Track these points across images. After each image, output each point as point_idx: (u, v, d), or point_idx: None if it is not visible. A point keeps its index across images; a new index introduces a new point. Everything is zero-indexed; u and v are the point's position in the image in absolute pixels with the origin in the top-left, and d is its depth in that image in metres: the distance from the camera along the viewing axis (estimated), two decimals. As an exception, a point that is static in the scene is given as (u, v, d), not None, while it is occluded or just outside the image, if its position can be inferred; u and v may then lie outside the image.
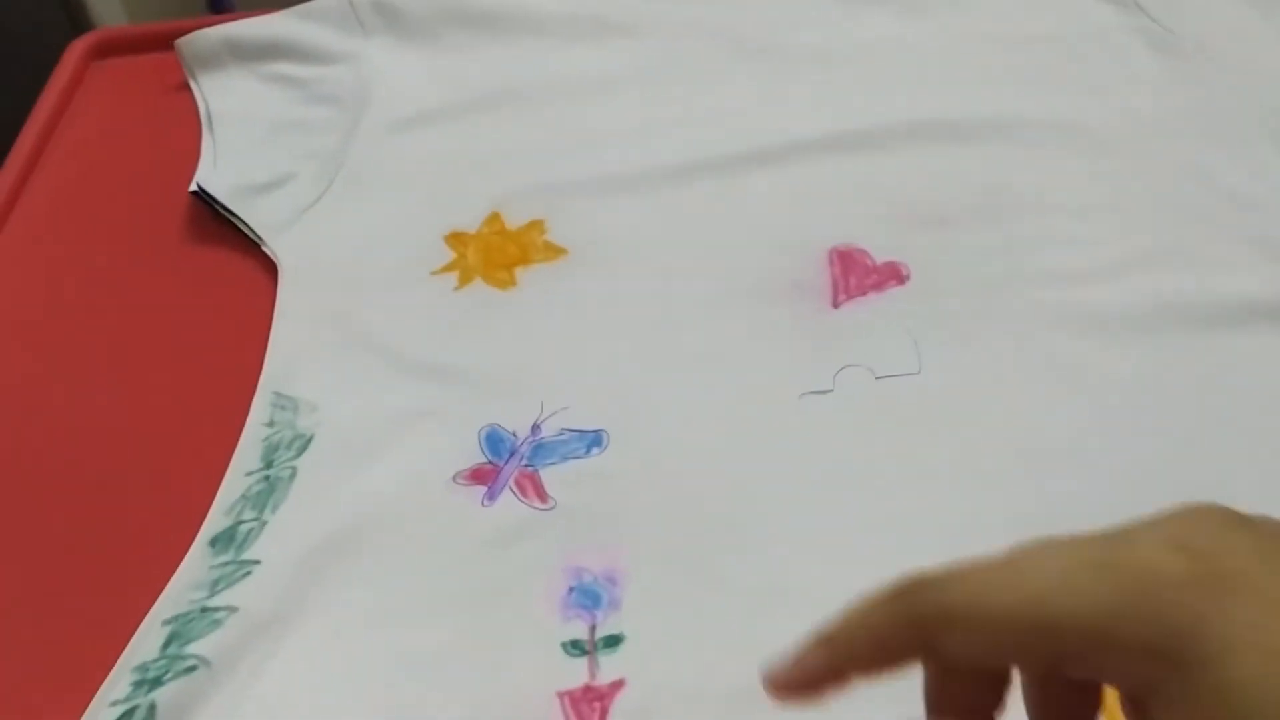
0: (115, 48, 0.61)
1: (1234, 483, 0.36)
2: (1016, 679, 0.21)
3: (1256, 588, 0.17)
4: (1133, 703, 0.18)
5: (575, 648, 0.33)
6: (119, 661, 0.33)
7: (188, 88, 0.56)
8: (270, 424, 0.40)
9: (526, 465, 0.38)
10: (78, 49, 0.61)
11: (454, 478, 0.38)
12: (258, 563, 0.35)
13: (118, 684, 0.32)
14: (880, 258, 0.44)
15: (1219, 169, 0.47)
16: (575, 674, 0.32)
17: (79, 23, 1.18)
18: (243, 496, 0.37)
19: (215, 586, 0.35)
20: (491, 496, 0.37)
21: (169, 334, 0.45)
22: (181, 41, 0.56)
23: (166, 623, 0.34)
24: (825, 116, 0.50)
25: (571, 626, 0.33)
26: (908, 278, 0.43)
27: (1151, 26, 0.53)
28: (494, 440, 0.39)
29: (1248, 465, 0.37)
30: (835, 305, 0.43)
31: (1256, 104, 0.49)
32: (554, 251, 0.46)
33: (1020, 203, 0.46)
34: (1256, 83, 0.49)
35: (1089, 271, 0.43)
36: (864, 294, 0.43)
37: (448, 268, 0.46)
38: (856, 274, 0.44)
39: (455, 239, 0.47)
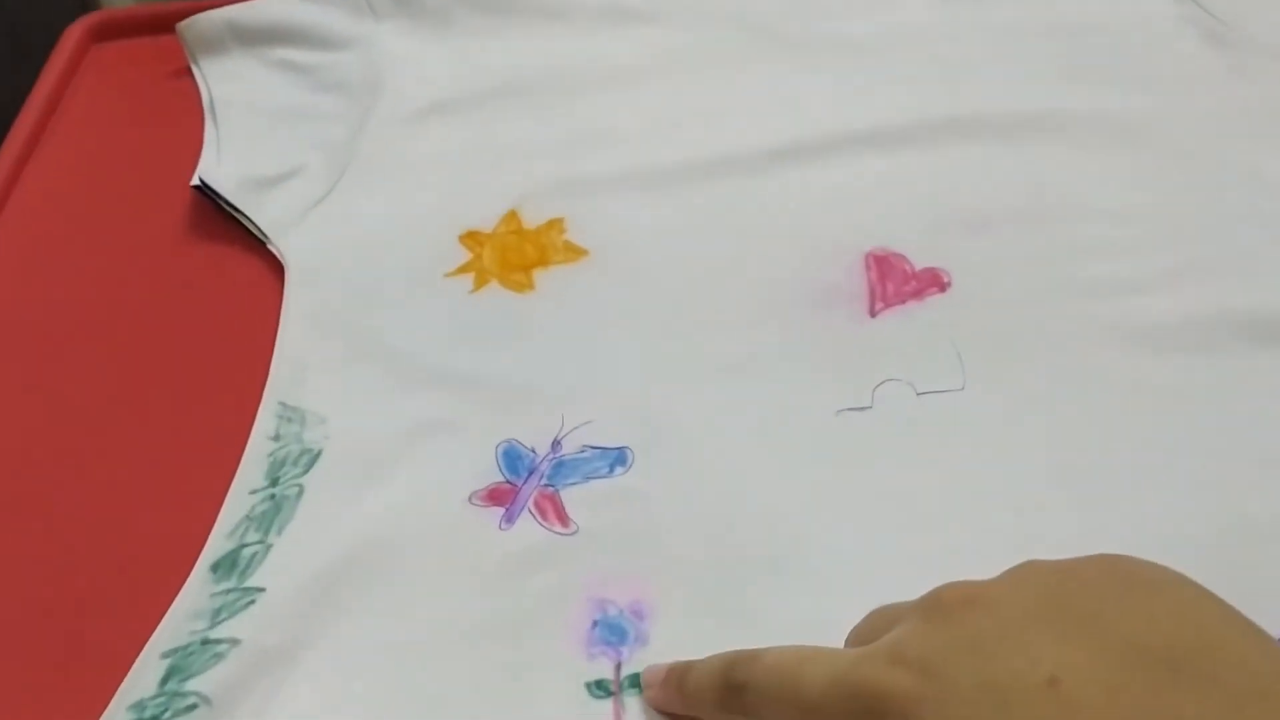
0: (117, 30, 0.59)
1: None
2: None
3: (943, 691, 0.22)
4: None
5: (600, 688, 0.31)
6: (115, 698, 0.31)
7: (191, 73, 0.54)
8: (276, 438, 0.38)
9: (546, 485, 0.36)
10: (76, 31, 0.58)
11: (470, 498, 0.36)
12: (262, 590, 0.33)
13: (113, 722, 0.31)
14: (920, 263, 0.42)
15: (1275, 169, 0.45)
16: (600, 718, 0.30)
17: (89, 3, 1.16)
18: (246, 517, 0.35)
19: (217, 616, 0.33)
20: (510, 519, 0.35)
21: (168, 339, 0.43)
22: (183, 25, 0.53)
23: (165, 655, 0.32)
24: (859, 111, 0.48)
25: (596, 665, 0.31)
26: (949, 285, 0.41)
27: (1204, 17, 0.51)
28: (512, 457, 0.37)
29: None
30: (873, 314, 0.40)
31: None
32: (574, 253, 0.44)
33: (1067, 205, 0.44)
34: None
35: (1141, 280, 0.41)
36: (903, 302, 0.41)
37: (463, 269, 0.43)
38: (895, 280, 0.41)
39: (471, 239, 0.45)
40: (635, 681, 0.31)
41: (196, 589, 0.33)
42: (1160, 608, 0.23)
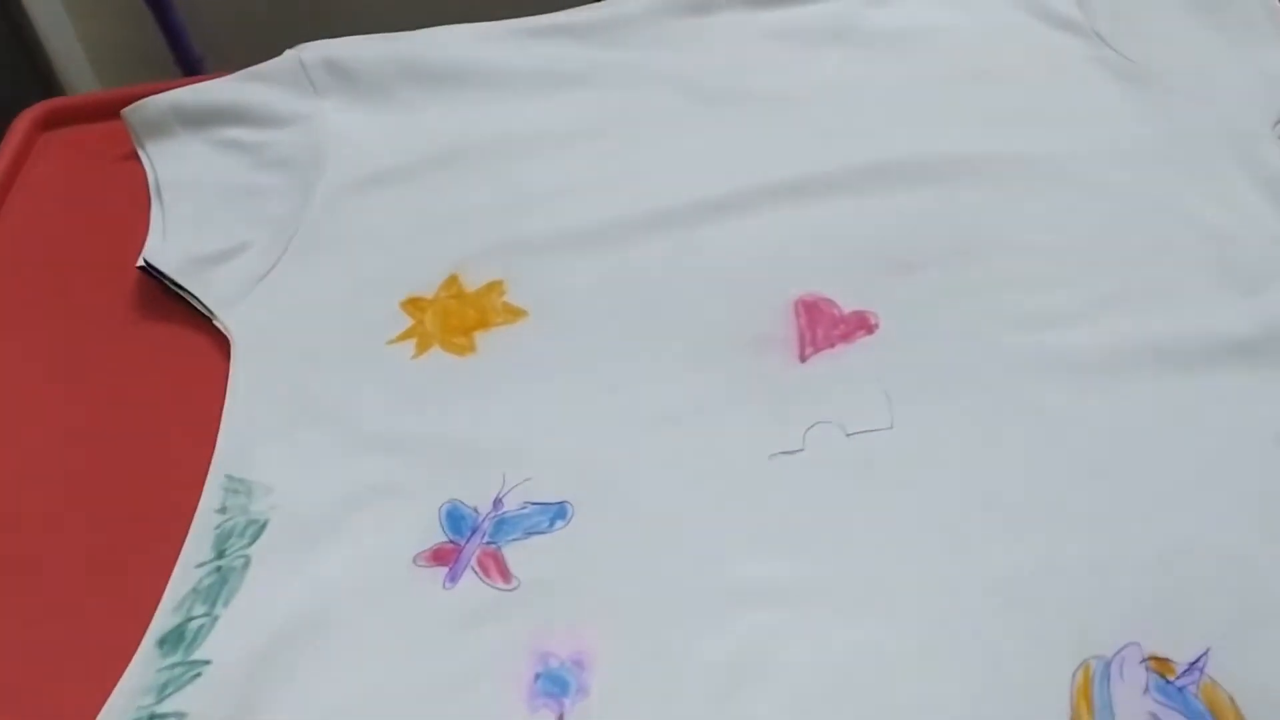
0: (65, 118, 0.60)
1: (1219, 527, 0.35)
2: None
3: None
4: None
5: (542, 741, 0.31)
6: (61, 778, 0.31)
7: (139, 156, 0.55)
8: (222, 510, 0.38)
9: (489, 543, 0.37)
10: (26, 120, 0.59)
11: (414, 559, 0.36)
12: (208, 663, 0.34)
13: (61, 802, 0.31)
14: (848, 307, 0.43)
15: (1189, 200, 0.46)
16: (542, 770, 0.31)
17: (53, 92, 1.17)
18: (193, 590, 0.36)
19: (163, 691, 0.33)
20: (453, 578, 0.36)
21: (116, 417, 0.43)
22: (128, 110, 0.55)
23: (112, 733, 0.32)
24: (786, 161, 0.49)
25: (539, 717, 0.32)
26: (877, 326, 0.42)
27: (1112, 56, 0.53)
28: (455, 517, 0.38)
29: (1231, 509, 0.35)
30: (803, 359, 0.42)
31: (1223, 132, 0.48)
32: (513, 314, 0.45)
33: (990, 244, 0.45)
34: (1222, 111, 0.48)
35: (1062, 314, 0.42)
36: (832, 346, 0.42)
37: (405, 335, 0.44)
38: (824, 325, 0.43)
39: (412, 304, 0.46)
40: (578, 732, 0.32)
41: (143, 665, 0.34)
42: None
